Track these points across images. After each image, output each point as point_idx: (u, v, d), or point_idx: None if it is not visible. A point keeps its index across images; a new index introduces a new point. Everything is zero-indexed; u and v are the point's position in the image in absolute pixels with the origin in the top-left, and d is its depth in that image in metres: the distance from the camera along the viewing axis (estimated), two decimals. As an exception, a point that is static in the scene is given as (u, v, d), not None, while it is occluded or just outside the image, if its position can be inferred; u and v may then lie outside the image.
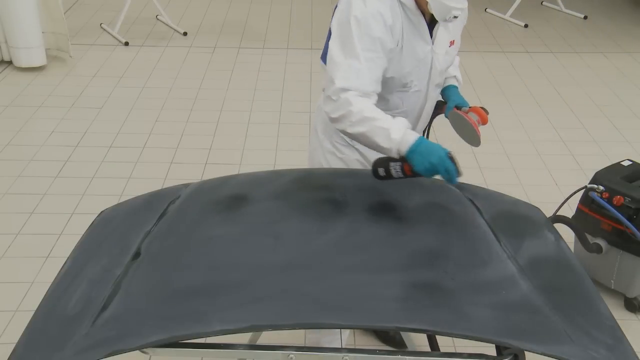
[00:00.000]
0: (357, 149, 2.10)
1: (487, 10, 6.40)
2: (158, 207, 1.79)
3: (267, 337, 2.12)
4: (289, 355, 1.39)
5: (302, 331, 2.47)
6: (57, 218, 3.19)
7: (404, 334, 2.32)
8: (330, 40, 1.91)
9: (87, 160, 3.69)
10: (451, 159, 1.70)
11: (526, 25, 5.96)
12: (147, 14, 5.94)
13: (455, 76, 2.19)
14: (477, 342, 1.36)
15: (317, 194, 1.84)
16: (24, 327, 1.41)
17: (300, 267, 1.50)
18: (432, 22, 1.92)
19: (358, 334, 2.57)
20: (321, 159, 2.17)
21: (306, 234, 1.63)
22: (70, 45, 4.81)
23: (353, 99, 1.77)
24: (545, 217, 1.86)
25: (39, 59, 4.72)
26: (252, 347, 1.56)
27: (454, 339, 2.47)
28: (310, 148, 2.25)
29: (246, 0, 6.49)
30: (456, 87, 2.17)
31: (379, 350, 1.43)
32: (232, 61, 5.13)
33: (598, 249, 2.65)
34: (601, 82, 4.94)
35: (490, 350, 1.49)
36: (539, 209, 1.89)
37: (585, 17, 6.28)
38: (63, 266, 1.60)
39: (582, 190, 2.61)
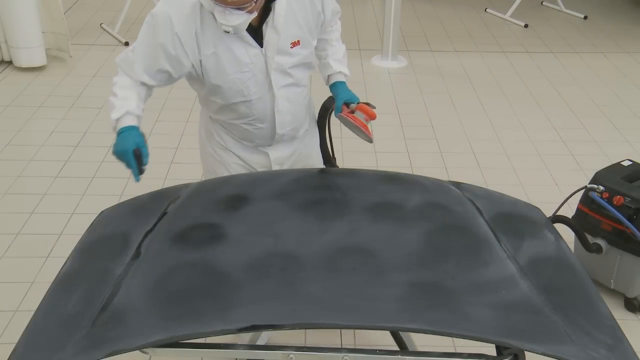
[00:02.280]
0: (234, 154, 2.16)
1: (487, 10, 6.40)
2: (158, 207, 1.79)
3: (267, 337, 2.12)
4: (289, 355, 1.39)
5: (302, 331, 2.47)
6: (57, 218, 3.19)
7: (404, 334, 2.31)
8: None
9: (87, 160, 3.69)
10: (136, 155, 1.87)
11: (526, 25, 5.96)
12: (147, 14, 5.93)
13: (340, 71, 2.22)
14: (477, 342, 1.36)
15: (317, 194, 1.84)
16: (24, 327, 1.41)
17: (300, 267, 1.50)
18: (259, 25, 1.91)
19: (358, 334, 2.57)
20: (208, 163, 2.28)
21: (306, 234, 1.63)
22: (70, 45, 4.81)
23: (119, 72, 2.01)
24: (545, 217, 1.85)
25: (39, 59, 4.72)
26: (252, 347, 1.56)
27: (454, 339, 2.47)
28: (200, 153, 2.36)
29: (246, 0, 6.48)
30: (343, 83, 2.21)
31: (379, 350, 1.43)
32: (232, 61, 5.12)
33: (598, 249, 2.64)
34: (601, 82, 4.94)
35: (490, 350, 1.49)
36: (539, 209, 1.89)
37: (585, 17, 6.28)
38: (63, 266, 1.60)
39: (582, 190, 2.61)
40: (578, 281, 1.56)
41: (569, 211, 2.58)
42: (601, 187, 2.58)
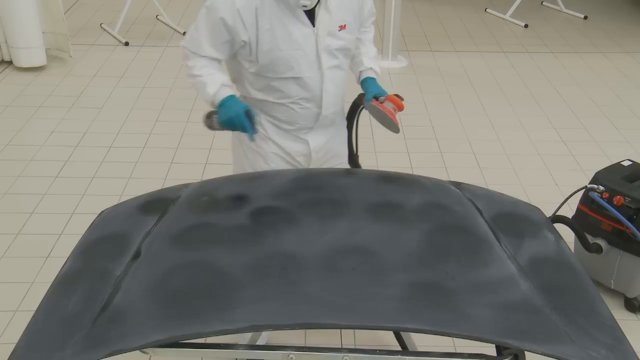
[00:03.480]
0: (273, 142, 2.20)
1: (487, 10, 6.40)
2: (158, 207, 1.79)
3: (267, 337, 2.12)
4: (289, 355, 1.39)
5: (302, 331, 2.47)
6: (57, 218, 3.19)
7: (404, 334, 2.31)
8: None
9: (87, 160, 3.69)
10: (248, 116, 1.99)
11: (526, 25, 5.97)
12: (147, 14, 5.94)
13: (371, 68, 2.29)
14: (477, 342, 1.36)
15: (317, 194, 1.84)
16: (24, 327, 1.41)
17: (301, 267, 1.50)
18: (312, 7, 2.00)
19: (358, 334, 2.57)
20: (242, 155, 2.31)
21: (306, 234, 1.63)
22: (70, 45, 4.81)
23: (190, 55, 2.08)
24: (545, 217, 1.85)
25: (39, 59, 4.72)
26: (252, 347, 1.56)
27: (454, 339, 2.47)
28: (232, 147, 2.40)
29: (246, 0, 6.49)
30: (374, 79, 2.28)
31: (379, 350, 1.43)
32: (232, 61, 5.13)
33: (598, 249, 2.64)
34: (601, 82, 4.94)
35: (490, 350, 1.49)
36: (539, 209, 1.89)
37: (585, 17, 6.28)
38: (63, 266, 1.60)
39: (582, 190, 2.61)
40: (578, 281, 1.56)
41: (569, 211, 2.58)
42: (601, 187, 2.58)
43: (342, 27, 2.08)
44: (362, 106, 2.29)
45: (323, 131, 2.23)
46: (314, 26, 2.03)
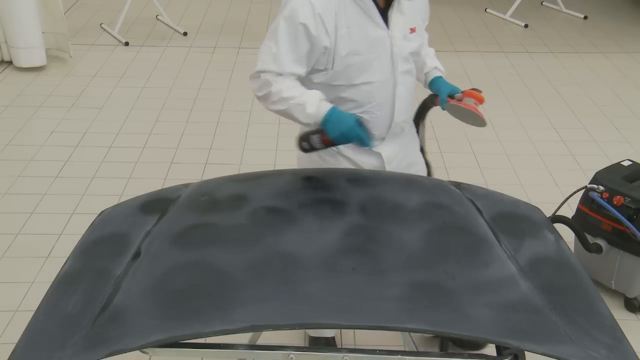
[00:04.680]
0: (344, 157, 2.10)
1: (487, 10, 6.40)
2: (158, 207, 1.79)
3: (267, 337, 2.12)
4: (289, 355, 1.39)
5: (302, 331, 2.47)
6: (57, 218, 3.19)
7: (404, 334, 2.32)
8: None
9: (87, 160, 3.69)
10: (360, 124, 1.86)
11: (526, 25, 5.97)
12: (147, 14, 5.94)
13: (436, 67, 2.21)
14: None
15: (317, 194, 1.84)
16: (24, 327, 1.41)
17: (301, 267, 1.50)
18: (385, 8, 1.95)
19: (358, 334, 2.57)
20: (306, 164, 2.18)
21: (306, 234, 1.63)
22: (70, 45, 4.81)
23: (272, 79, 1.92)
24: (545, 217, 1.85)
25: (39, 59, 4.72)
26: (252, 347, 1.57)
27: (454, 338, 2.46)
28: (298, 164, 2.28)
29: (246, 0, 6.49)
30: (442, 77, 2.19)
31: (379, 350, 1.43)
32: (232, 61, 5.13)
33: (598, 249, 2.64)
34: (601, 82, 4.94)
35: (490, 350, 1.49)
36: (539, 209, 1.89)
37: (585, 17, 6.28)
38: (63, 266, 1.60)
39: (582, 190, 2.61)
40: (578, 281, 1.57)
41: (569, 211, 2.58)
42: (601, 187, 2.58)
43: (412, 30, 2.01)
44: (430, 107, 2.22)
45: (395, 140, 2.14)
46: (388, 29, 1.96)
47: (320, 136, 1.91)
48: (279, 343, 1.44)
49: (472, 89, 2.07)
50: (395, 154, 2.14)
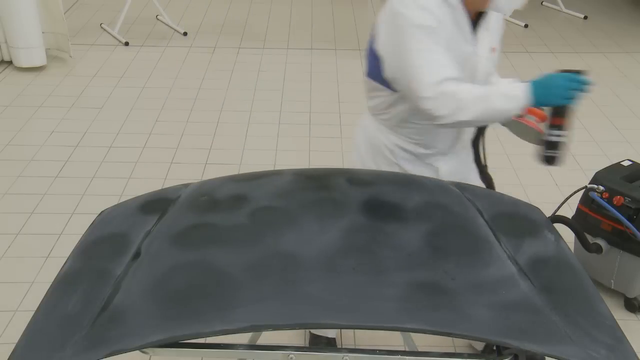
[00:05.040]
0: (400, 167, 2.09)
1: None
2: (158, 207, 1.79)
3: (267, 337, 2.12)
4: (289, 355, 1.39)
5: (302, 331, 2.47)
6: (57, 218, 3.19)
7: (404, 334, 2.32)
8: (388, 54, 1.89)
9: (87, 160, 3.69)
10: (577, 72, 1.81)
11: (526, 25, 5.96)
12: (147, 14, 5.94)
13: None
14: (478, 343, 1.36)
15: (317, 194, 1.84)
16: (24, 327, 1.41)
17: (301, 267, 1.50)
18: (475, 22, 1.92)
19: (358, 334, 2.57)
20: None
21: (306, 234, 1.63)
22: (70, 45, 4.81)
23: (454, 87, 1.78)
24: (545, 217, 1.85)
25: (39, 59, 4.72)
26: (252, 347, 1.56)
27: (454, 339, 2.47)
28: (351, 162, 2.26)
29: (246, 0, 6.49)
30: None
31: (379, 350, 1.43)
32: (232, 61, 5.13)
33: (598, 249, 2.65)
34: (601, 82, 4.94)
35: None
36: (539, 209, 1.89)
37: (585, 17, 6.28)
38: (63, 266, 1.60)
39: (582, 190, 2.61)
40: (578, 281, 1.56)
41: (569, 211, 2.58)
42: (601, 187, 2.58)
43: (493, 50, 1.97)
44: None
45: (455, 156, 2.14)
46: (474, 46, 1.91)
47: (551, 123, 1.86)
48: (279, 343, 1.44)
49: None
50: (452, 170, 2.13)
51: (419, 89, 1.81)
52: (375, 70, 2.00)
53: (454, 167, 2.15)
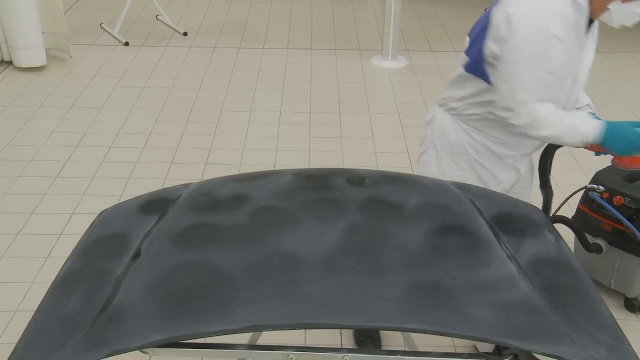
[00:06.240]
0: (482, 166, 2.09)
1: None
2: (158, 207, 1.79)
3: (267, 337, 2.12)
4: (289, 355, 1.39)
5: (302, 331, 2.47)
6: (57, 218, 3.19)
7: (404, 334, 2.32)
8: (506, 53, 1.87)
9: (87, 160, 3.70)
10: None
11: (526, 25, 5.96)
12: (147, 14, 5.94)
13: (588, 105, 2.14)
14: (477, 342, 1.36)
15: (317, 194, 1.84)
16: (24, 327, 1.41)
17: (301, 267, 1.50)
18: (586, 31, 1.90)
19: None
20: (436, 174, 2.15)
21: (306, 234, 1.63)
22: (70, 45, 4.81)
23: (538, 107, 1.83)
24: (545, 217, 1.85)
25: (39, 59, 4.72)
26: (252, 347, 1.56)
27: (454, 339, 2.47)
28: (424, 161, 2.23)
29: (246, 0, 6.49)
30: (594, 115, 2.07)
31: (379, 350, 1.43)
32: (232, 61, 5.13)
33: (598, 249, 2.64)
34: (601, 82, 4.94)
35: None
36: (539, 209, 1.89)
37: (585, 17, 6.28)
38: (63, 266, 1.60)
39: (582, 190, 2.60)
40: (578, 281, 1.56)
41: (569, 211, 2.58)
42: (601, 187, 2.58)
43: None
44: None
45: (529, 158, 2.19)
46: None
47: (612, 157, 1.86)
48: (279, 343, 1.44)
49: None
50: (527, 170, 2.18)
51: (510, 97, 1.86)
52: (476, 64, 1.98)
53: (529, 169, 2.19)
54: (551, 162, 2.14)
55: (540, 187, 2.15)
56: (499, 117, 1.96)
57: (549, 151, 2.12)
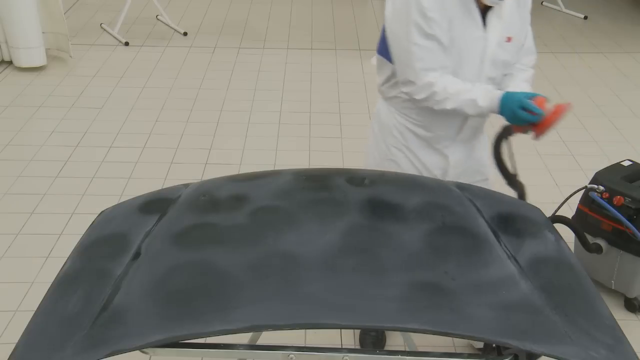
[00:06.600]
0: (409, 150, 2.12)
1: None
2: (158, 207, 1.79)
3: (267, 337, 2.12)
4: (289, 355, 1.39)
5: (302, 331, 2.47)
6: (57, 218, 3.19)
7: (404, 334, 2.32)
8: (389, 30, 2.01)
9: (87, 160, 3.69)
10: (527, 108, 1.82)
11: (526, 25, 5.96)
12: (147, 14, 5.94)
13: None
14: (477, 342, 1.36)
15: (317, 194, 1.84)
16: (24, 327, 1.41)
17: (301, 267, 1.50)
18: (485, 10, 1.96)
19: (358, 334, 2.57)
20: (377, 164, 2.21)
21: (306, 234, 1.63)
22: (70, 45, 4.81)
23: (434, 79, 1.92)
24: (545, 217, 1.86)
25: (39, 59, 4.72)
26: (252, 347, 1.56)
27: (454, 338, 2.47)
28: (367, 151, 2.29)
29: (246, 0, 6.49)
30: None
31: (379, 350, 1.43)
32: (232, 61, 5.13)
33: (598, 249, 2.65)
34: (601, 82, 4.94)
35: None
36: (539, 209, 1.89)
37: (585, 17, 6.28)
38: (63, 266, 1.60)
39: (582, 191, 2.61)
40: (578, 281, 1.56)
41: (569, 211, 2.58)
42: (601, 187, 2.58)
43: (509, 39, 2.01)
44: (506, 138, 2.13)
45: (464, 146, 2.16)
46: (485, 31, 1.96)
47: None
48: (279, 343, 1.44)
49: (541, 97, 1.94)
50: (462, 160, 2.15)
51: (406, 71, 1.97)
52: (383, 45, 2.08)
53: (465, 158, 2.16)
54: (511, 156, 2.14)
55: (507, 184, 2.17)
56: (410, 97, 2.02)
57: (497, 146, 2.12)
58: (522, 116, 1.86)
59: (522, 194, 2.15)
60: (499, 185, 2.30)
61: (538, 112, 1.86)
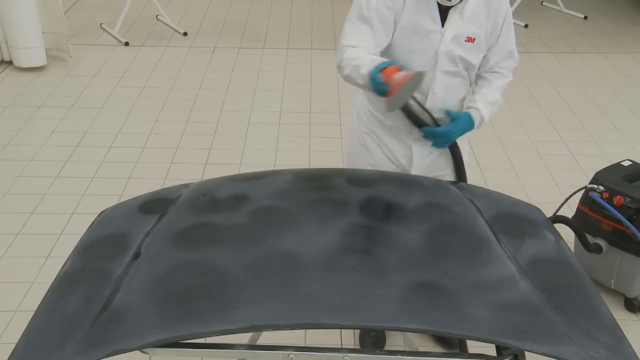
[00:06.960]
0: (377, 136, 2.19)
1: None
2: (158, 207, 1.79)
3: (267, 337, 2.12)
4: (289, 355, 1.39)
5: (302, 331, 2.47)
6: (57, 218, 3.19)
7: (404, 334, 2.32)
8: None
9: (87, 160, 3.69)
10: (381, 71, 1.80)
11: (526, 25, 5.96)
12: (147, 14, 5.94)
13: (478, 109, 2.14)
14: (477, 342, 1.36)
15: (317, 194, 1.84)
16: (24, 327, 1.41)
17: (301, 267, 1.50)
18: (447, 8, 1.99)
19: (358, 334, 2.57)
20: (353, 151, 2.30)
21: (306, 234, 1.63)
22: (70, 45, 4.81)
23: (348, 50, 1.97)
24: (545, 217, 1.86)
25: (39, 59, 4.72)
26: (252, 347, 1.56)
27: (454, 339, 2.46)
28: (348, 140, 2.39)
29: (246, 0, 6.49)
30: (469, 114, 2.12)
31: (379, 350, 1.43)
32: (232, 61, 5.13)
33: (598, 249, 2.64)
34: (601, 82, 4.94)
35: (490, 350, 1.49)
36: (539, 209, 1.89)
37: (585, 17, 6.28)
38: (63, 266, 1.60)
39: (582, 191, 2.61)
40: (578, 281, 1.57)
41: (569, 211, 2.58)
42: (601, 187, 2.58)
43: (469, 39, 2.02)
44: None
45: (425, 143, 2.15)
46: (443, 27, 2.00)
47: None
48: (279, 343, 1.44)
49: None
50: (426, 151, 2.16)
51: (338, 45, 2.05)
52: None
53: (428, 152, 2.16)
54: (469, 147, 2.16)
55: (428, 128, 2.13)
56: None
57: (453, 145, 2.15)
58: (374, 88, 1.87)
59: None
60: (499, 185, 2.30)
61: (383, 85, 1.84)
